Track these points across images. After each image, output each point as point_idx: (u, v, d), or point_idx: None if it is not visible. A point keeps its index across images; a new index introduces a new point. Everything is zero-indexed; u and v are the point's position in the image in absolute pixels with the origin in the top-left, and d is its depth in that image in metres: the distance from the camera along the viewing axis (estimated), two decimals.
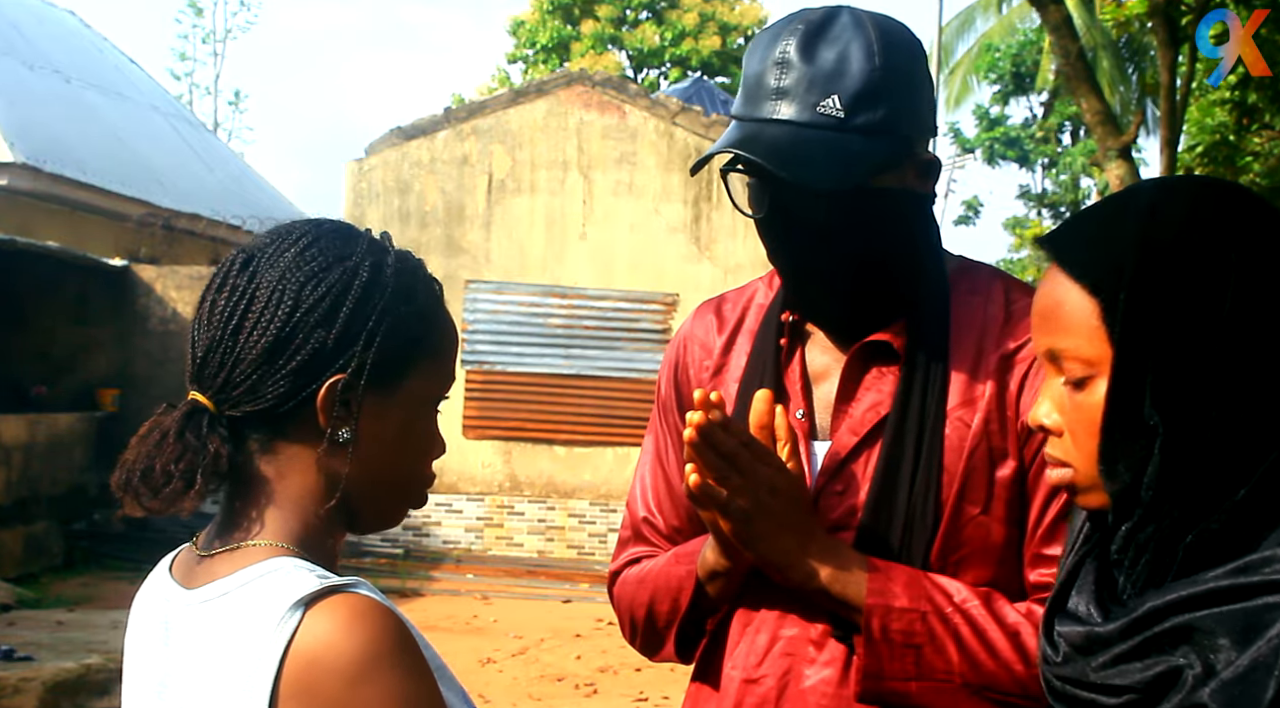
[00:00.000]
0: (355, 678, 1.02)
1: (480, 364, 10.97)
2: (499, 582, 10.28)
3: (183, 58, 35.26)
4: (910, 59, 1.46)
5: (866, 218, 1.44)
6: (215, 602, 1.10)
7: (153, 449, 1.11)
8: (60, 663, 6.16)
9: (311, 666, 1.02)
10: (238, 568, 1.11)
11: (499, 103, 11.29)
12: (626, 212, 11.07)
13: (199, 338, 1.15)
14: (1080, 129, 26.29)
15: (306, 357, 1.12)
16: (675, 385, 1.67)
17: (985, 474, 1.45)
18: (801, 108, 1.41)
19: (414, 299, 1.19)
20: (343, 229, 1.20)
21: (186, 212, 13.88)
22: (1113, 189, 9.11)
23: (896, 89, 1.43)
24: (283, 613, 1.04)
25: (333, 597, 1.05)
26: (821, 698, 1.46)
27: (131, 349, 11.11)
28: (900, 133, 1.44)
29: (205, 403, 1.13)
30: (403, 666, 1.04)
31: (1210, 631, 0.99)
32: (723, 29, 25.70)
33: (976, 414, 1.46)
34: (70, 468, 10.31)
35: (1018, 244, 28.18)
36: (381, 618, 1.05)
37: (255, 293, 1.13)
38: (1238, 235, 1.05)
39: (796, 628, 1.49)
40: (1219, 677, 0.97)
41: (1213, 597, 1.00)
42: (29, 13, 15.77)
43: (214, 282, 1.16)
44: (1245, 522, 1.03)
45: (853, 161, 1.40)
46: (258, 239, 1.18)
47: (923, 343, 1.48)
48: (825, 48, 1.42)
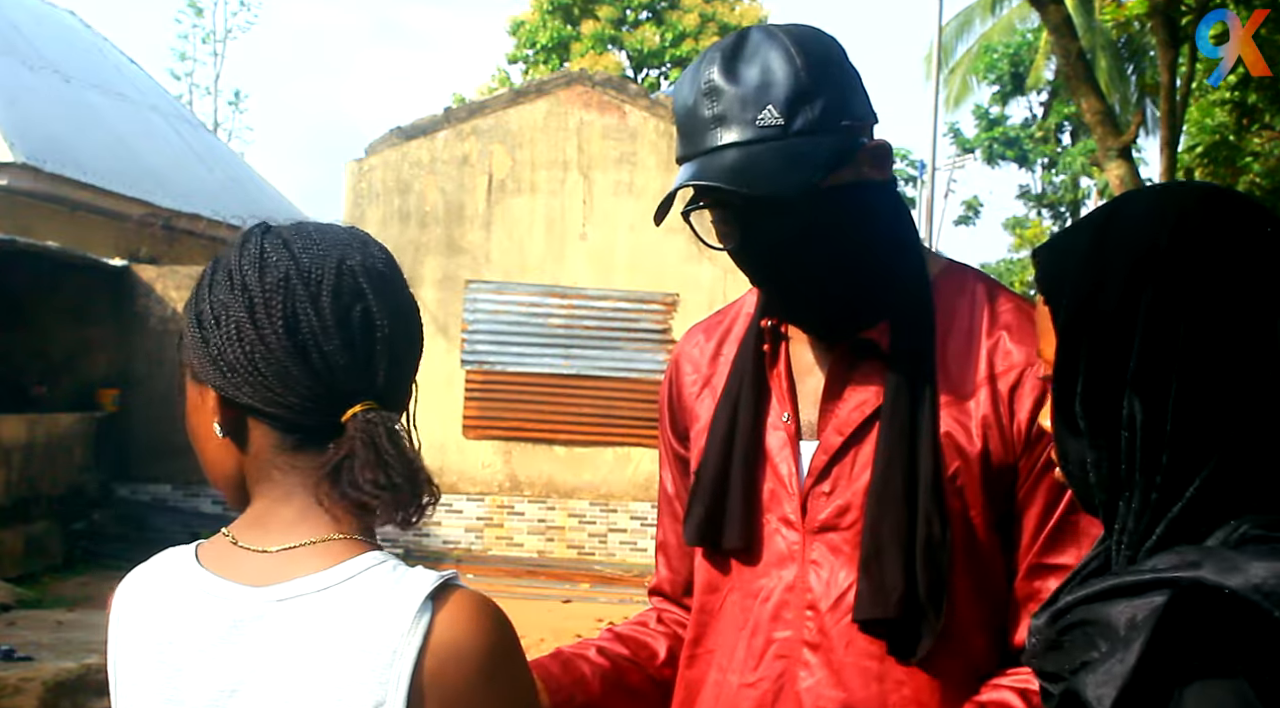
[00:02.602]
0: (491, 671, 1.08)
1: (480, 364, 10.97)
2: (499, 582, 10.28)
3: (183, 58, 35.19)
4: (829, 54, 1.47)
5: (834, 217, 1.45)
6: (308, 598, 1.09)
7: (409, 463, 1.12)
8: (60, 663, 6.16)
9: (451, 661, 1.06)
10: (328, 564, 1.10)
11: (499, 103, 11.29)
12: (626, 212, 11.07)
13: (342, 349, 1.12)
14: (1080, 129, 26.29)
15: (419, 351, 1.20)
16: (670, 407, 1.71)
17: (978, 473, 1.45)
18: (742, 127, 1.42)
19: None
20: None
21: (186, 212, 13.88)
22: (1113, 189, 9.11)
23: (824, 85, 1.44)
24: (415, 610, 1.06)
25: (455, 593, 1.09)
26: (817, 700, 1.47)
27: (131, 349, 11.11)
28: (841, 126, 1.44)
29: (376, 408, 1.13)
30: (522, 656, 1.14)
31: (1103, 623, 1.01)
32: (723, 30, 25.70)
33: (967, 412, 1.47)
34: (70, 468, 10.31)
35: (1018, 244, 28.19)
36: (499, 612, 1.12)
37: (398, 298, 1.17)
38: (1194, 243, 1.05)
39: (790, 630, 1.49)
40: (1092, 665, 1.00)
41: (1107, 594, 1.02)
42: (29, 13, 15.77)
43: (332, 290, 1.13)
44: (1204, 514, 1.03)
45: (805, 163, 1.41)
46: (341, 244, 1.17)
47: (909, 340, 1.49)
48: (746, 66, 1.43)
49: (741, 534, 1.53)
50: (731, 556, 1.56)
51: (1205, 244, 1.05)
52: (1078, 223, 1.18)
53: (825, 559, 1.49)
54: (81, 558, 10.18)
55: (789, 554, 1.51)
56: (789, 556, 1.51)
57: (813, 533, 1.50)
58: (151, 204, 13.49)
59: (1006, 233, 29.25)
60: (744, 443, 1.54)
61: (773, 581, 1.51)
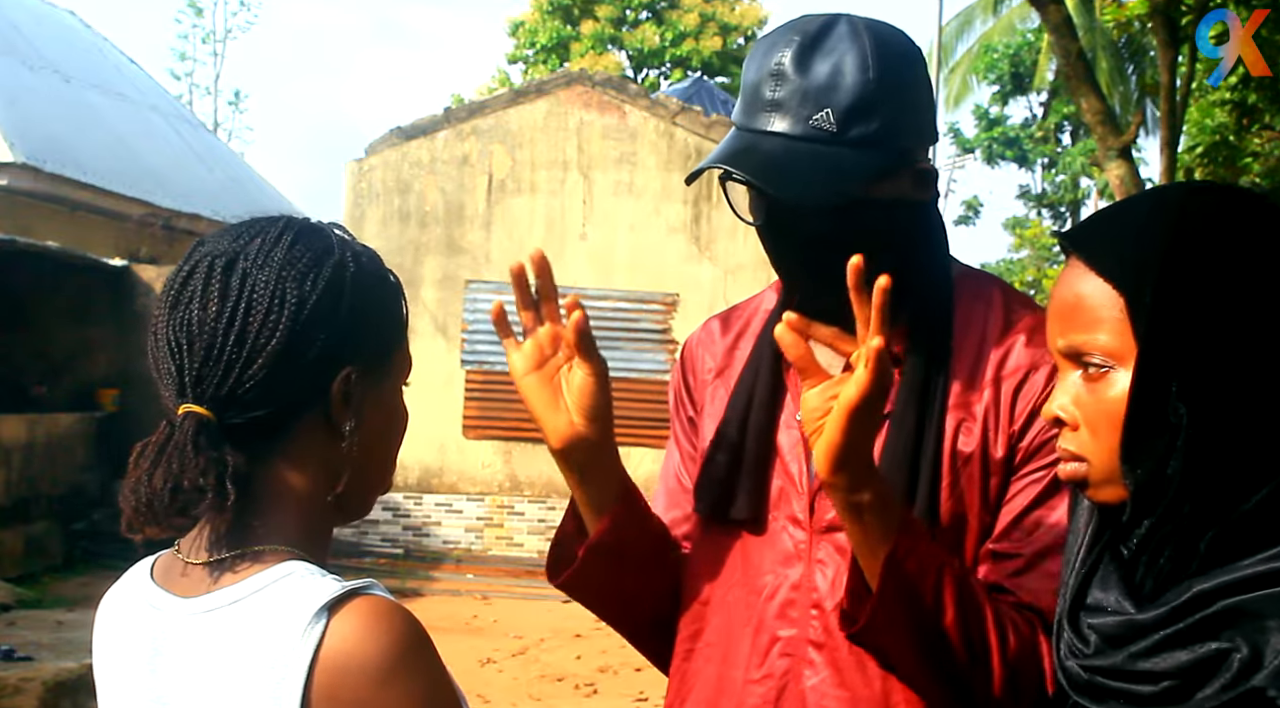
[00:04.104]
0: (384, 680, 1.03)
1: (480, 364, 10.96)
2: (499, 582, 10.28)
3: (183, 58, 35.23)
4: (907, 68, 1.45)
5: (861, 228, 1.43)
6: (223, 610, 1.09)
7: (176, 469, 1.08)
8: (60, 663, 6.16)
9: (341, 670, 1.03)
10: (247, 575, 1.09)
11: (499, 103, 11.29)
12: (626, 212, 11.07)
13: (186, 348, 1.11)
14: (1079, 129, 26.29)
15: (319, 353, 1.12)
16: (682, 393, 1.70)
17: (979, 479, 1.45)
18: (795, 121, 1.41)
19: (388, 284, 1.21)
20: (308, 223, 1.20)
21: (186, 212, 13.89)
22: (1113, 189, 9.11)
23: (891, 100, 1.42)
24: (308, 619, 1.04)
25: (355, 600, 1.05)
26: (822, 699, 1.47)
27: (131, 349, 11.09)
28: (896, 144, 1.43)
29: (205, 414, 1.10)
30: (425, 665, 1.06)
31: (1259, 614, 1.00)
32: (723, 29, 25.70)
33: (974, 419, 1.47)
34: (70, 468, 10.31)
35: (1017, 244, 28.17)
36: (402, 619, 1.06)
37: (253, 295, 1.11)
38: (1263, 239, 1.06)
39: (795, 629, 1.49)
40: (1277, 662, 0.98)
41: (1260, 580, 1.00)
42: (29, 13, 15.76)
43: (190, 289, 1.12)
44: (1266, 517, 1.03)
45: (844, 176, 1.40)
46: (225, 242, 1.15)
47: (925, 347, 1.49)
48: (820, 60, 1.41)
49: (751, 505, 1.52)
50: (737, 542, 1.55)
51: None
52: (1127, 211, 1.16)
53: (831, 559, 1.49)
54: (81, 558, 10.17)
55: (795, 553, 1.51)
56: (795, 554, 1.51)
57: (820, 532, 1.50)
58: (151, 204, 13.49)
59: (1006, 233, 29.25)
60: (755, 439, 1.54)
61: (778, 578, 1.51)
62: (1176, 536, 1.06)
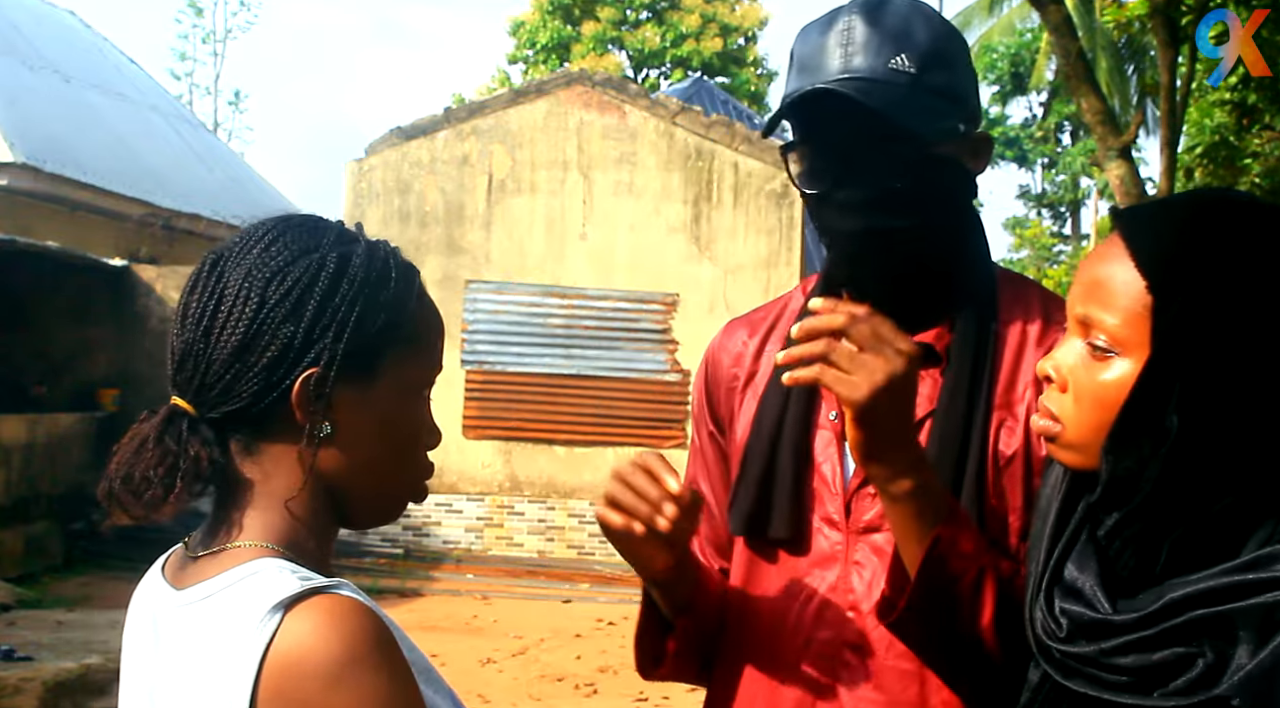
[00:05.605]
0: (332, 681, 1.00)
1: (480, 364, 10.96)
2: (499, 582, 10.28)
3: (183, 58, 35.25)
4: (963, 43, 1.48)
5: (929, 185, 1.42)
6: (199, 604, 1.09)
7: (132, 456, 1.11)
8: (60, 663, 6.16)
9: (289, 669, 1.01)
10: (222, 570, 1.10)
11: (499, 103, 11.29)
12: (626, 212, 11.07)
13: (176, 342, 1.15)
14: (1079, 129, 26.28)
15: (276, 352, 1.11)
16: (707, 401, 1.66)
17: (1021, 480, 1.44)
18: (875, 63, 1.39)
19: (385, 287, 1.17)
20: (310, 222, 1.19)
21: (186, 212, 13.88)
22: (1113, 189, 9.11)
23: (959, 61, 1.44)
24: (262, 616, 1.03)
25: (313, 599, 1.04)
26: (858, 702, 1.45)
27: (131, 349, 11.10)
28: (965, 103, 1.44)
29: (184, 407, 1.12)
30: (380, 667, 1.03)
31: (1229, 625, 1.02)
32: (724, 30, 25.69)
33: (1016, 420, 1.45)
34: (70, 468, 10.30)
35: (1018, 244, 28.18)
36: (360, 619, 1.04)
37: (223, 292, 1.13)
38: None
39: (831, 631, 1.48)
40: (1243, 670, 1.00)
41: (1232, 591, 1.03)
42: (29, 13, 15.76)
43: (188, 284, 1.17)
44: (1227, 524, 1.07)
45: (928, 114, 1.40)
46: (228, 241, 1.18)
47: (967, 346, 1.46)
48: (888, 17, 1.42)
49: (788, 525, 1.50)
50: (773, 553, 1.53)
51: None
52: (1178, 210, 1.17)
53: (868, 561, 1.47)
54: (81, 558, 10.17)
55: (832, 555, 1.49)
56: (832, 556, 1.49)
57: (856, 534, 1.48)
58: (151, 204, 13.48)
59: (1006, 233, 29.26)
60: (790, 440, 1.51)
61: (815, 580, 1.49)
62: (1140, 537, 1.09)
